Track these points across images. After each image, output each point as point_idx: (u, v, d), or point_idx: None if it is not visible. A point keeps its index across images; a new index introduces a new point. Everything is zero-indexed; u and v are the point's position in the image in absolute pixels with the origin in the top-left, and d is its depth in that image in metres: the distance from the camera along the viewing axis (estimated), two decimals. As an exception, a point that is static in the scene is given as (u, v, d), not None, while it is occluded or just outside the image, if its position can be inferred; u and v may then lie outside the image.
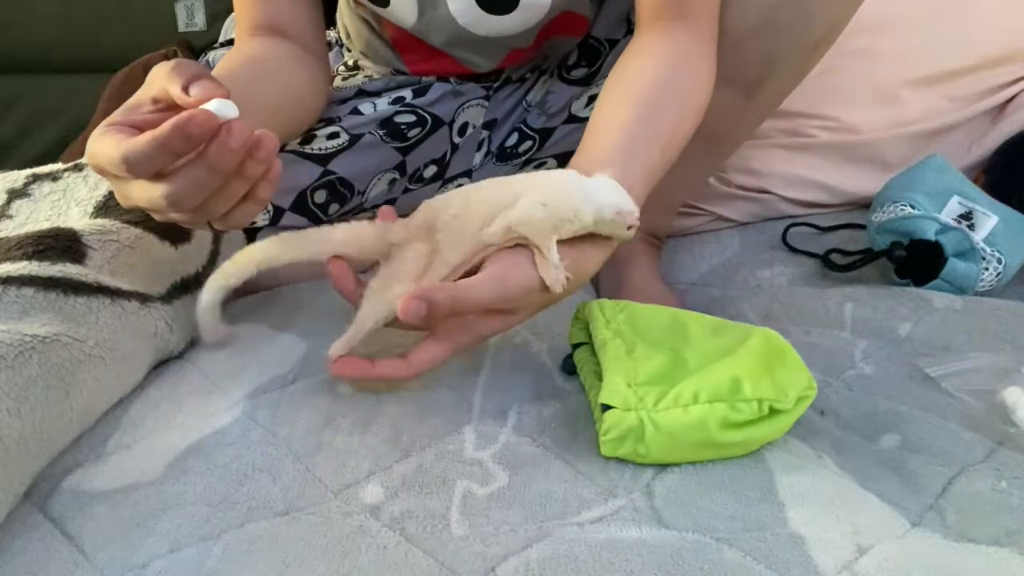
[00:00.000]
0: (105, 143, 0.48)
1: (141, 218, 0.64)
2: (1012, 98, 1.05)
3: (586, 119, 0.85)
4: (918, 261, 0.79)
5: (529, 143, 0.88)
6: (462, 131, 0.90)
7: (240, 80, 0.62)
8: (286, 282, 0.80)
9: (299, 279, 0.80)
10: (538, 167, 0.90)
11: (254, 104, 0.60)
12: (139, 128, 0.49)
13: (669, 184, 0.89)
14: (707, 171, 0.93)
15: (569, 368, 0.61)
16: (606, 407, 0.51)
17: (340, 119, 0.83)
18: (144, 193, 0.49)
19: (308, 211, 0.81)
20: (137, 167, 0.47)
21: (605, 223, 0.53)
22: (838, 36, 0.78)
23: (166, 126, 0.46)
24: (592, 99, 0.83)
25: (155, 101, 0.51)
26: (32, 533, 0.47)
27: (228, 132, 0.47)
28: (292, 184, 0.80)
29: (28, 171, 0.71)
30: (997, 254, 0.77)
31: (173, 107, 0.50)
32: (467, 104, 0.89)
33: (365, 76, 0.91)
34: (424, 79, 0.88)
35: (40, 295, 0.54)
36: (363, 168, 0.82)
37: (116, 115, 0.51)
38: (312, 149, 0.80)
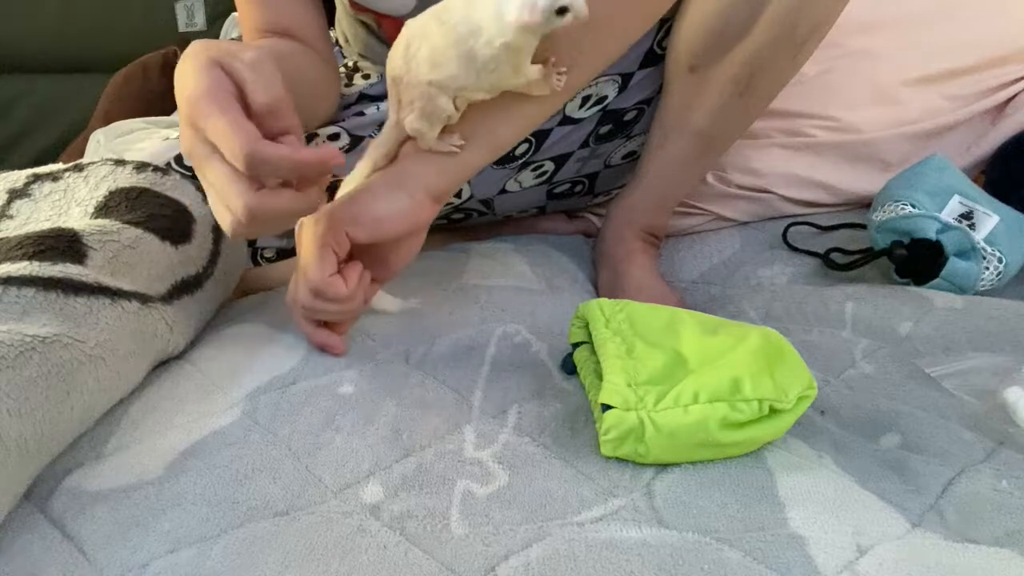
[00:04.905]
0: (229, 122, 0.48)
1: (141, 218, 0.64)
2: (1012, 98, 1.04)
3: (581, 120, 0.85)
4: (919, 260, 0.79)
5: (526, 146, 0.87)
6: None
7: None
8: (284, 283, 0.80)
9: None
10: (535, 170, 0.90)
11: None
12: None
13: (664, 183, 0.90)
14: (702, 169, 0.92)
15: (569, 368, 0.61)
16: (606, 407, 0.51)
17: (343, 120, 0.83)
18: (224, 185, 0.50)
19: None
20: (258, 170, 0.49)
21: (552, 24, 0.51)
22: (825, 34, 0.78)
23: (312, 155, 0.50)
24: (585, 100, 0.83)
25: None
26: (32, 533, 0.47)
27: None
28: None
29: (29, 171, 0.71)
30: (998, 253, 0.77)
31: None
32: None
33: (363, 76, 0.90)
34: None
35: (41, 295, 0.54)
36: None
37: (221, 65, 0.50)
38: None
